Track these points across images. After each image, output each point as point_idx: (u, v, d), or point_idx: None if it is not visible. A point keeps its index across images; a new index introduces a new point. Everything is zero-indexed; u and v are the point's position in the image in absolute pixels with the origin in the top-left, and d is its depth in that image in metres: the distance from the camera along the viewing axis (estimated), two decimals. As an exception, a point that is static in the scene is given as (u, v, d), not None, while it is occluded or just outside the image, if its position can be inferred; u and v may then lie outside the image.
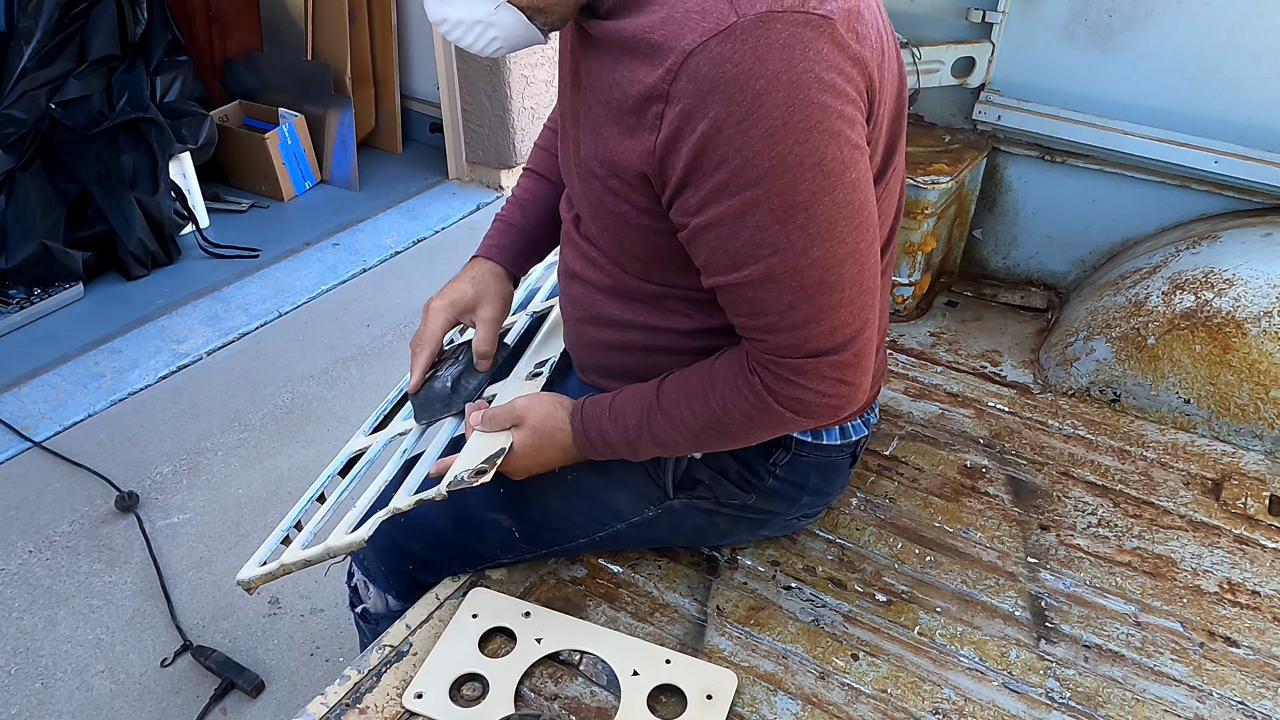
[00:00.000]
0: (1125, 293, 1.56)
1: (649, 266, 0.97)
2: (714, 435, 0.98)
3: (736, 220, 0.82)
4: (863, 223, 0.84)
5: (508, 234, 1.23)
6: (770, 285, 0.84)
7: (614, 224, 0.95)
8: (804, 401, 0.91)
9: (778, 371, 0.90)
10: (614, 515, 1.14)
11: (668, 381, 0.99)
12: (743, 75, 0.75)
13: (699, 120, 0.78)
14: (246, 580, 1.04)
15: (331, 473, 1.16)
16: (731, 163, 0.78)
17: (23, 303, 2.64)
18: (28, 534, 1.99)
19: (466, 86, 3.26)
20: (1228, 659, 1.13)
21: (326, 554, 1.01)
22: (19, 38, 2.55)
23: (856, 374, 0.91)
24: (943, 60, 1.71)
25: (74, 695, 1.68)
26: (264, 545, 1.09)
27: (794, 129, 0.77)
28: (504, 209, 1.26)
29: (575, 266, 1.07)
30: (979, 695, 1.07)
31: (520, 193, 1.25)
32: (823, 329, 0.87)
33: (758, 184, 0.79)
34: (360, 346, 2.60)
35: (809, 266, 0.83)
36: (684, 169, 0.81)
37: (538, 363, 1.22)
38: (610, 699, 1.03)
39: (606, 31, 0.84)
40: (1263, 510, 1.34)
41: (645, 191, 0.88)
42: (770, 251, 0.82)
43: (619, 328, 1.04)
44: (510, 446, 1.03)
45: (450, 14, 0.85)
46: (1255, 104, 1.54)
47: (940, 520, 1.31)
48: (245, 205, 3.22)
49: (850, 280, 0.85)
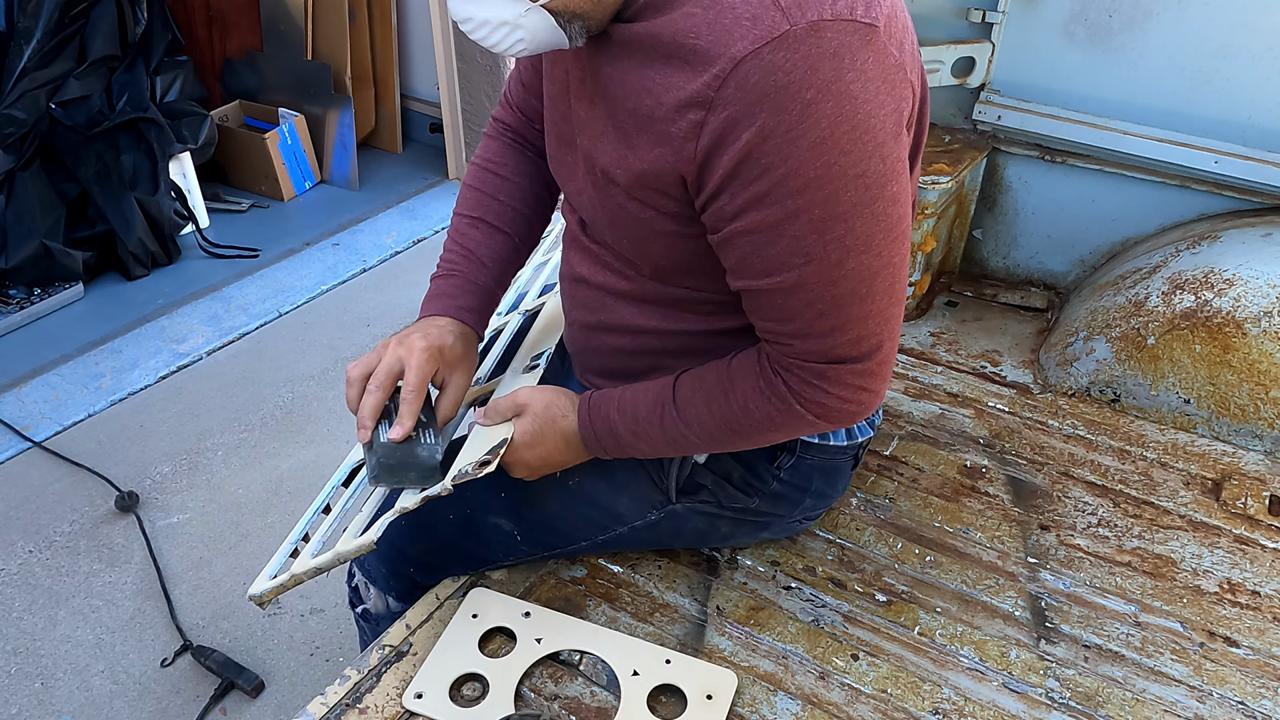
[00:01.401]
0: (1125, 293, 1.56)
1: (672, 272, 0.96)
2: (729, 435, 0.97)
3: (774, 229, 0.81)
4: (899, 236, 0.84)
5: (474, 294, 1.11)
6: (802, 293, 0.84)
7: (636, 230, 0.93)
8: (826, 406, 0.91)
9: (802, 375, 0.90)
10: (615, 519, 1.14)
11: (683, 379, 0.98)
12: (794, 85, 0.74)
13: (745, 129, 0.76)
14: (259, 595, 1.02)
15: (335, 484, 1.14)
16: (775, 172, 0.78)
17: (23, 303, 2.63)
18: (28, 534, 1.99)
19: (466, 86, 3.26)
20: (1228, 659, 1.13)
21: (337, 560, 0.99)
22: (19, 38, 2.54)
23: (878, 382, 0.91)
24: (943, 60, 1.71)
25: (74, 695, 1.68)
26: (273, 560, 1.07)
27: (840, 140, 0.76)
28: (457, 263, 1.12)
29: (583, 271, 1.05)
30: (979, 695, 1.07)
31: (478, 248, 1.12)
32: (849, 337, 0.87)
33: (800, 194, 0.78)
34: (360, 346, 2.60)
35: (843, 277, 0.83)
36: (723, 175, 0.80)
37: (534, 356, 1.21)
38: (610, 699, 1.03)
39: (635, 34, 0.82)
40: (1263, 510, 1.34)
41: (678, 197, 0.87)
42: (805, 261, 0.82)
43: (632, 333, 1.03)
44: (511, 436, 1.02)
45: (476, 13, 0.81)
46: (1255, 104, 1.54)
47: (940, 520, 1.31)
48: (245, 205, 3.22)
49: (881, 292, 0.85)
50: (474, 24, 0.82)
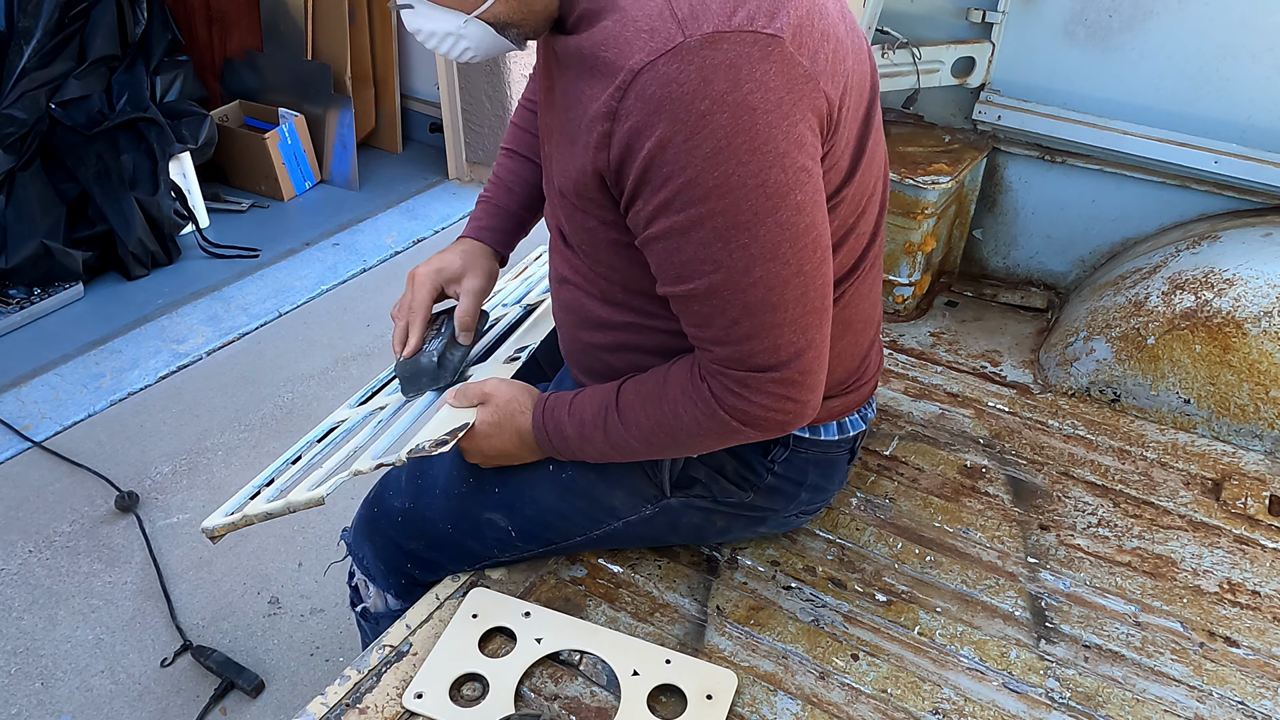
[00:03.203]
0: (1125, 293, 1.56)
1: (626, 276, 0.98)
2: (664, 439, 0.99)
3: (682, 235, 0.83)
4: (808, 245, 0.85)
5: (495, 215, 1.25)
6: (714, 300, 0.86)
7: (587, 239, 0.97)
8: (749, 414, 0.92)
9: (724, 382, 0.91)
10: (610, 513, 1.14)
11: (627, 384, 1.00)
12: (688, 96, 0.76)
13: (646, 138, 0.79)
14: (211, 529, 1.07)
15: (311, 439, 1.20)
16: (676, 180, 0.80)
17: (23, 303, 2.63)
18: (28, 534, 1.99)
19: (466, 86, 3.26)
20: (1228, 659, 1.13)
21: (287, 509, 1.03)
22: (19, 38, 2.54)
23: (802, 391, 0.91)
24: (943, 60, 1.71)
25: (74, 695, 1.68)
26: (233, 498, 1.12)
27: (737, 151, 0.78)
28: (487, 190, 1.27)
29: (564, 272, 1.08)
30: (979, 695, 1.07)
31: (503, 173, 1.26)
32: (765, 345, 0.88)
33: (701, 202, 0.80)
34: (360, 346, 2.60)
35: (751, 285, 0.84)
36: (634, 183, 0.82)
37: (518, 348, 1.25)
38: (610, 699, 1.03)
39: (568, 47, 0.86)
40: (1263, 510, 1.34)
41: (607, 205, 0.89)
42: (714, 268, 0.84)
43: (609, 329, 1.05)
44: (473, 423, 1.06)
45: (424, 26, 0.89)
46: (1255, 104, 1.54)
47: (940, 520, 1.31)
48: (245, 205, 3.22)
49: (793, 300, 0.86)
50: (424, 35, 0.90)
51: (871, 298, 1.09)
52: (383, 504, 1.20)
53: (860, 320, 1.08)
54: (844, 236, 0.97)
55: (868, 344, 1.13)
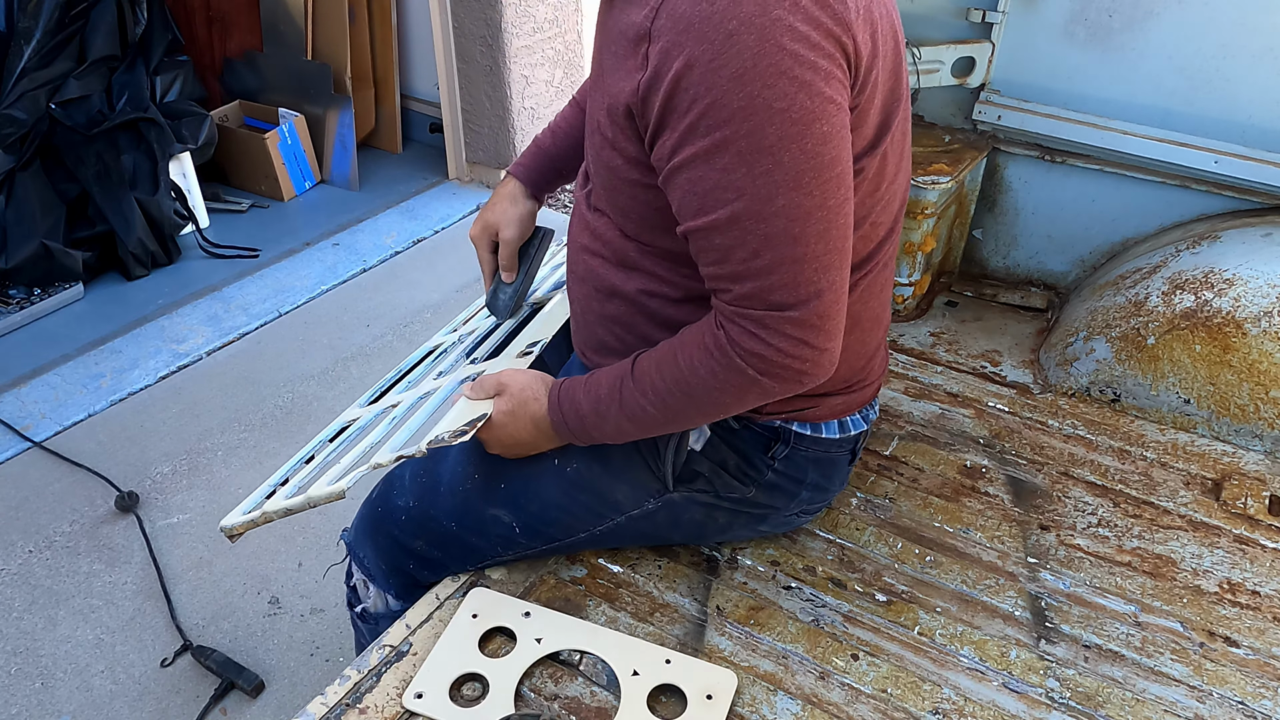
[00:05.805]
0: (1125, 293, 1.56)
1: (641, 226, 0.99)
2: (681, 401, 0.97)
3: (705, 162, 0.83)
4: (833, 178, 0.84)
5: (537, 156, 1.32)
6: (735, 231, 0.86)
7: (610, 179, 0.98)
8: (765, 358, 0.90)
9: (741, 324, 0.90)
10: (613, 507, 1.14)
11: (642, 355, 1.01)
12: (716, 15, 0.78)
13: (675, 58, 0.80)
14: (230, 527, 1.08)
15: (323, 438, 1.22)
16: (702, 102, 0.81)
17: (23, 303, 2.63)
18: (28, 534, 1.99)
19: (466, 86, 3.26)
20: (1228, 659, 1.13)
21: (307, 503, 1.04)
22: (19, 38, 2.54)
23: (820, 337, 0.90)
24: (943, 60, 1.71)
25: (74, 695, 1.68)
26: (250, 498, 1.13)
27: (763, 72, 0.78)
28: (541, 133, 1.33)
29: (584, 240, 1.10)
30: (979, 695, 1.07)
31: (559, 120, 1.32)
32: (784, 280, 0.87)
33: (725, 125, 0.81)
34: (360, 346, 2.60)
35: (773, 214, 0.84)
36: (661, 108, 0.84)
37: (530, 343, 1.27)
38: (610, 699, 1.03)
39: None
40: (1263, 510, 1.34)
41: (633, 136, 0.90)
42: (736, 196, 0.84)
43: (621, 298, 1.06)
44: (490, 414, 1.07)
45: None
46: (1255, 104, 1.54)
47: (940, 520, 1.31)
48: (245, 205, 3.22)
49: (814, 235, 0.85)
50: None
51: (881, 297, 1.09)
52: (387, 503, 1.20)
53: (869, 318, 1.08)
54: (862, 218, 0.96)
55: (874, 344, 1.13)
